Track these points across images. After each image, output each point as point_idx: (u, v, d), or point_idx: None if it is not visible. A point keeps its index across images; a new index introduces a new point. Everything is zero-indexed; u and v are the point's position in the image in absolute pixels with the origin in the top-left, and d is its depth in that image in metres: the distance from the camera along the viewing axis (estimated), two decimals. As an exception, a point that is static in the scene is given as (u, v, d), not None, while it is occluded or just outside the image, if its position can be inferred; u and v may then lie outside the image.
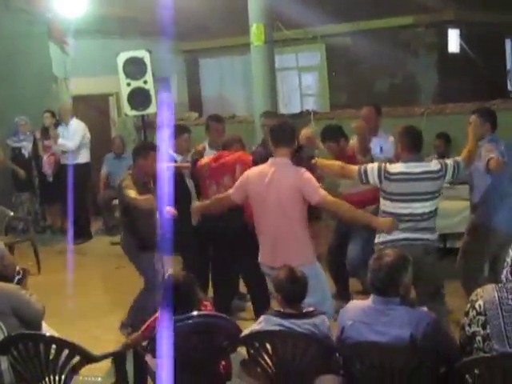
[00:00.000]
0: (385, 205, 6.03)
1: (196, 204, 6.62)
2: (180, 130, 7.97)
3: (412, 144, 6.05)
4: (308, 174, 5.85)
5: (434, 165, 6.01)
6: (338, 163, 6.36)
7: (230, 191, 6.20)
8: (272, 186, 5.84)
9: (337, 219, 7.48)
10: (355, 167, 6.14)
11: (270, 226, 5.96)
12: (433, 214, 6.02)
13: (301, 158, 6.38)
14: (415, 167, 5.93)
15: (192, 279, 5.06)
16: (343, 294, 7.42)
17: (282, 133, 6.02)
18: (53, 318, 5.86)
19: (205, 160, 7.36)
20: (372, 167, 6.00)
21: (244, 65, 13.75)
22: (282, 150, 5.93)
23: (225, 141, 7.56)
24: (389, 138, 7.65)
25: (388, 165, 6.00)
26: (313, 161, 6.21)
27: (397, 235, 5.92)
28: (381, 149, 7.79)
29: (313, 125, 8.58)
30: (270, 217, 5.91)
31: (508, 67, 17.30)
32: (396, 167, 5.96)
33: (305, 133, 6.79)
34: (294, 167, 5.92)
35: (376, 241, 6.06)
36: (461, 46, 14.51)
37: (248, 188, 6.05)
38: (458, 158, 6.16)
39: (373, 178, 5.98)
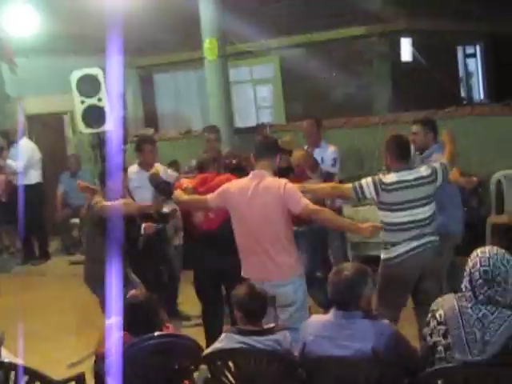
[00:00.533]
0: (386, 216, 6.02)
1: (177, 193, 6.36)
2: (144, 142, 7.96)
3: (401, 153, 6.10)
4: (290, 185, 5.78)
5: (424, 170, 6.07)
6: (328, 185, 6.55)
7: (209, 196, 6.06)
8: (255, 199, 5.74)
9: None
10: (348, 185, 6.14)
11: (254, 240, 5.79)
12: (433, 217, 6.08)
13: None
14: (408, 175, 5.98)
15: (153, 299, 5.01)
16: None
17: (265, 145, 6.02)
18: (12, 342, 5.75)
19: (186, 183, 6.91)
20: (366, 182, 6.00)
21: (199, 79, 13.75)
22: (264, 162, 5.87)
23: (200, 163, 7.23)
24: (329, 148, 8.16)
25: (382, 176, 6.04)
26: (301, 188, 6.04)
27: (405, 247, 5.98)
28: (322, 159, 7.95)
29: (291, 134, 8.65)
30: (255, 230, 5.76)
31: (460, 74, 17.52)
32: (390, 177, 5.98)
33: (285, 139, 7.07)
34: (276, 179, 5.85)
35: (383, 257, 6.10)
36: (413, 54, 14.65)
37: (227, 201, 5.93)
38: (443, 160, 6.28)
39: (369, 192, 5.98)
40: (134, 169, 7.90)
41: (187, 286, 7.63)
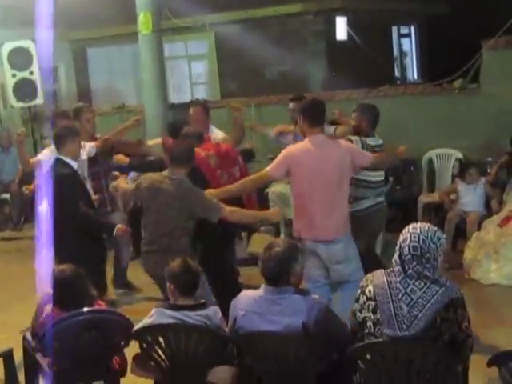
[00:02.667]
0: (362, 174, 6.54)
1: (212, 191, 6.24)
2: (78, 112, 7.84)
3: (374, 120, 6.83)
4: (349, 143, 6.31)
5: (378, 139, 6.86)
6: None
7: (268, 169, 6.14)
8: (323, 160, 5.94)
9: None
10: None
11: (321, 199, 5.98)
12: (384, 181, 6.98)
13: None
14: (372, 141, 6.76)
15: (80, 274, 4.95)
16: None
17: (317, 112, 6.15)
18: None
19: (204, 152, 6.85)
20: (355, 140, 6.63)
21: (133, 54, 13.56)
22: (316, 129, 6.04)
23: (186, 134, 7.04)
24: (219, 134, 8.00)
25: (364, 138, 6.68)
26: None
27: (371, 201, 6.74)
28: None
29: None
30: (324, 189, 5.96)
31: (395, 54, 17.65)
32: (370, 140, 6.72)
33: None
34: (334, 140, 6.22)
35: (352, 209, 6.46)
36: (348, 33, 14.71)
37: (292, 165, 6.04)
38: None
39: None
40: None
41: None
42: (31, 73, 9.99)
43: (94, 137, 7.83)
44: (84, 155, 7.33)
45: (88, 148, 7.49)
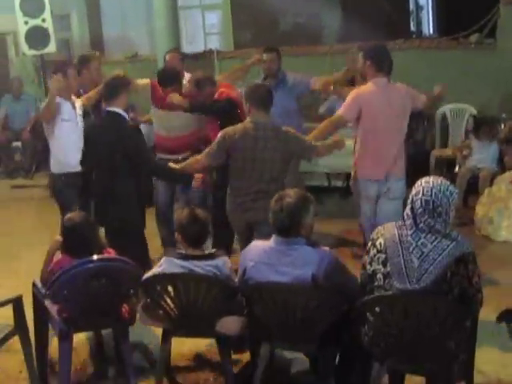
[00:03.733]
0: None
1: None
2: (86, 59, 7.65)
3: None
4: (407, 86, 6.47)
5: None
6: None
7: (340, 112, 6.36)
8: (391, 100, 6.28)
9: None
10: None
11: (386, 139, 6.32)
12: None
13: None
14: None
15: (89, 221, 4.95)
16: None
17: (386, 57, 6.41)
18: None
19: (226, 92, 6.99)
20: None
21: (146, 2, 13.42)
22: (381, 73, 6.32)
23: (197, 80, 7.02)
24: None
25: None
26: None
27: None
28: None
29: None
30: (391, 127, 6.30)
31: (411, 7, 17.42)
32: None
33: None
34: (394, 84, 6.43)
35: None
36: (365, -15, 14.49)
37: (363, 105, 6.29)
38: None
39: None
40: None
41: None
42: (43, 20, 9.89)
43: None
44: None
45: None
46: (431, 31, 18.06)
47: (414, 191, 4.08)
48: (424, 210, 3.96)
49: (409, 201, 4.09)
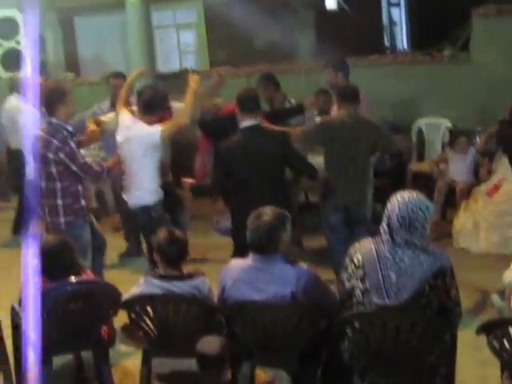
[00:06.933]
0: None
1: None
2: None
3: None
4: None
5: None
6: None
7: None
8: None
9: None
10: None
11: None
12: None
13: None
14: None
15: (67, 244, 4.92)
16: None
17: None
18: None
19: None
20: None
21: (121, 23, 13.43)
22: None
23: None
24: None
25: None
26: None
27: None
28: None
29: None
30: None
31: (384, 23, 17.54)
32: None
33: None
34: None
35: None
36: (338, 2, 14.58)
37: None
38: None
39: None
40: None
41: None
42: (17, 42, 9.91)
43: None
44: None
45: None
46: (405, 46, 18.19)
47: (389, 206, 4.08)
48: (400, 225, 3.97)
49: (384, 216, 4.09)
